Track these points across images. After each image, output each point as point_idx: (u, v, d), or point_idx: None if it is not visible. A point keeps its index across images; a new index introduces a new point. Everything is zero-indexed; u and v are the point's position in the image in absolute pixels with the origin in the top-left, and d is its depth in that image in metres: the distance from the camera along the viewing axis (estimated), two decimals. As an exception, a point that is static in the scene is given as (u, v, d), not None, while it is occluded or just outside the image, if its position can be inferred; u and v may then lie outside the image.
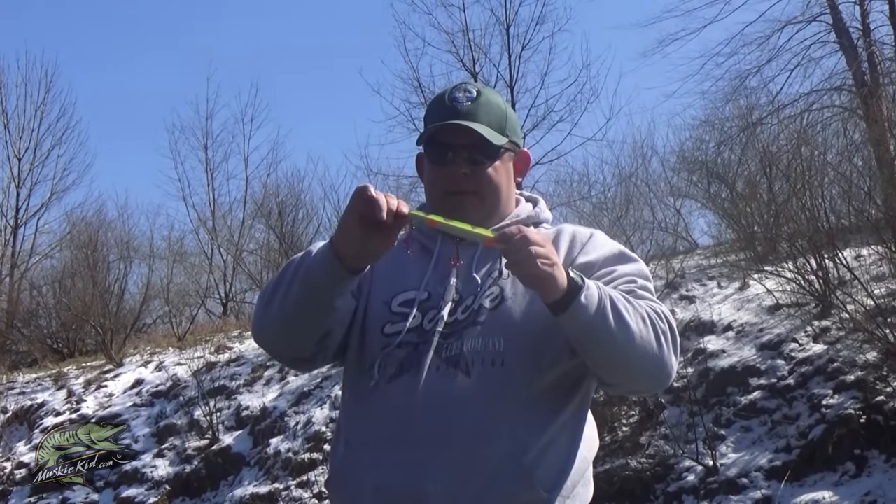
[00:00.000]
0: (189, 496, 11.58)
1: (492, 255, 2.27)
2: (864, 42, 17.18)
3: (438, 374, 2.16)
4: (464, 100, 2.28)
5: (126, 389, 14.12)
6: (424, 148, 2.34)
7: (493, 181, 2.29)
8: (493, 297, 2.24)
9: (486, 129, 2.25)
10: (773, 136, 14.46)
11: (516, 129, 2.38)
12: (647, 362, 2.11)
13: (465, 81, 2.40)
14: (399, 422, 2.15)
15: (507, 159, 2.35)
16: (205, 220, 22.02)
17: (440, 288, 2.27)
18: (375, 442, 2.17)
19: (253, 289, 19.34)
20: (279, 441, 11.50)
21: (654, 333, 2.11)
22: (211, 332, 17.00)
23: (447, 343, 2.19)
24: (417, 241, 2.38)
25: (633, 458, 9.20)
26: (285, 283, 2.20)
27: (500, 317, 2.21)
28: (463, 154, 2.26)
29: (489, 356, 2.16)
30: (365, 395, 2.23)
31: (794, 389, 9.06)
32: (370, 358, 2.24)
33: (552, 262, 1.99)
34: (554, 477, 2.15)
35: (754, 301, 10.82)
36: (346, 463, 2.24)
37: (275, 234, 16.27)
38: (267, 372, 13.12)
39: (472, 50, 15.42)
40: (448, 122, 2.25)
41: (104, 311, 17.38)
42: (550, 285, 2.00)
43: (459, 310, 2.23)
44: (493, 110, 2.30)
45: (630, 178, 15.26)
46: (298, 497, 10.53)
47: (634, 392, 2.43)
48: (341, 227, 2.09)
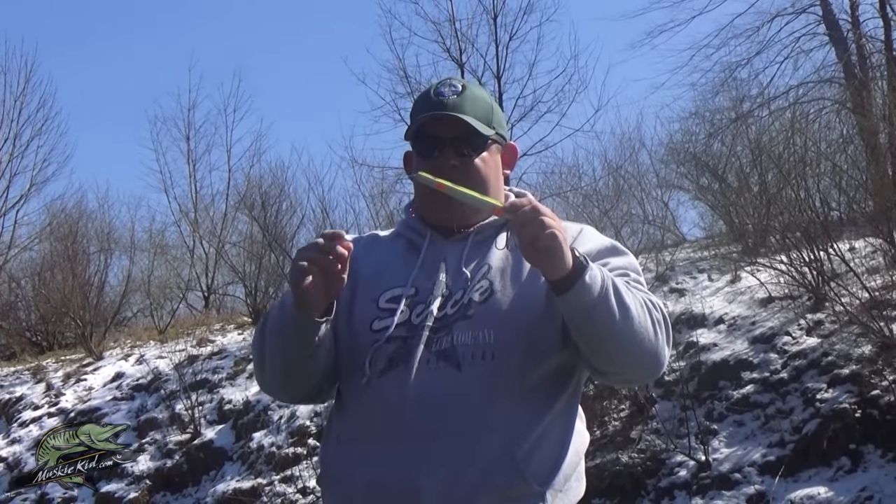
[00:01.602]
0: (170, 491, 11.38)
1: (481, 250, 2.30)
2: (854, 34, 17.14)
3: (429, 368, 2.15)
4: (449, 94, 2.30)
5: (106, 383, 13.94)
6: (412, 143, 2.35)
7: (481, 172, 2.29)
8: (482, 290, 2.23)
9: (473, 121, 2.27)
10: (764, 128, 14.38)
11: (502, 123, 2.40)
12: (643, 349, 2.10)
13: (450, 77, 2.42)
14: (390, 417, 2.14)
15: (495, 151, 2.36)
16: (186, 211, 21.85)
17: (428, 283, 2.27)
18: (367, 437, 2.17)
19: (235, 282, 19.16)
20: (262, 435, 11.34)
21: (650, 320, 2.11)
22: (193, 325, 16.81)
23: (437, 337, 2.19)
24: (405, 238, 2.38)
25: (623, 452, 9.06)
26: (268, 345, 2.25)
27: (490, 310, 2.20)
28: (451, 147, 2.28)
29: (480, 349, 2.16)
30: (356, 391, 2.23)
31: (787, 383, 8.95)
32: (361, 355, 2.23)
33: (561, 233, 1.97)
34: (547, 470, 2.14)
35: (746, 294, 10.70)
36: (337, 459, 2.24)
37: (258, 226, 16.03)
38: (250, 365, 12.92)
39: (459, 40, 15.20)
40: (435, 113, 2.27)
41: (84, 303, 17.14)
42: (557, 259, 1.97)
43: (449, 304, 2.23)
44: (478, 103, 2.32)
45: (618, 171, 15.16)
46: (282, 492, 10.36)
47: (626, 381, 2.47)
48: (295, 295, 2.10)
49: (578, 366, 2.23)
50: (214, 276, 20.63)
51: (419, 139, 2.32)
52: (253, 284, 16.12)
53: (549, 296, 2.15)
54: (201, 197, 22.41)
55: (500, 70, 14.99)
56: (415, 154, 2.35)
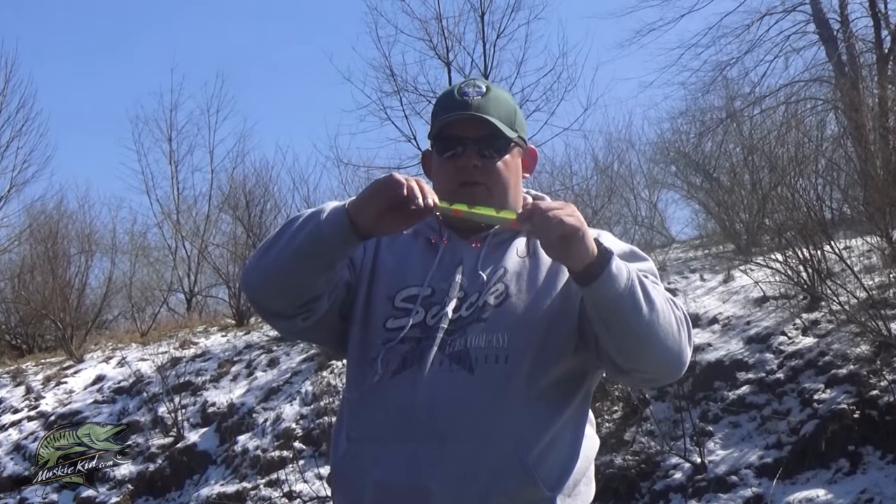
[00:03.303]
0: (153, 496, 11.16)
1: (498, 253, 2.29)
2: (844, 33, 17.08)
3: (441, 370, 2.16)
4: (474, 94, 2.28)
5: (87, 386, 13.72)
6: (433, 143, 2.34)
7: (502, 175, 2.29)
8: (497, 293, 2.23)
9: (498, 122, 2.26)
10: (755, 125, 14.25)
11: (524, 126, 2.40)
12: (668, 346, 2.09)
13: (474, 78, 2.42)
14: (401, 418, 2.15)
15: (516, 154, 2.35)
16: (168, 213, 21.64)
17: (444, 284, 2.27)
18: (377, 438, 2.18)
19: (219, 284, 18.96)
20: (247, 438, 11.13)
21: (674, 318, 2.10)
22: (175, 327, 16.60)
23: (451, 339, 2.19)
24: (423, 236, 2.36)
25: (617, 454, 8.88)
26: (288, 233, 2.18)
27: (505, 313, 2.20)
28: (473, 147, 2.26)
29: (493, 352, 2.16)
30: (368, 389, 2.23)
31: (783, 384, 8.80)
32: (373, 352, 2.24)
33: (578, 218, 1.97)
34: (557, 475, 2.15)
35: (740, 293, 10.56)
36: (347, 457, 2.24)
37: (242, 226, 15.79)
38: (234, 367, 12.78)
39: (446, 37, 15.03)
40: (460, 114, 2.25)
41: (64, 305, 16.86)
42: (581, 246, 1.97)
43: (464, 306, 2.23)
44: (502, 105, 2.30)
45: (606, 171, 15.02)
46: (268, 496, 10.15)
47: (648, 381, 2.35)
48: (365, 203, 2.09)
49: (590, 371, 2.25)
50: (197, 279, 20.45)
51: (441, 139, 2.30)
52: (237, 286, 15.91)
53: (564, 300, 2.18)
54: (183, 198, 22.25)
55: (487, 68, 14.84)
56: (434, 154, 2.34)
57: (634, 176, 15.27)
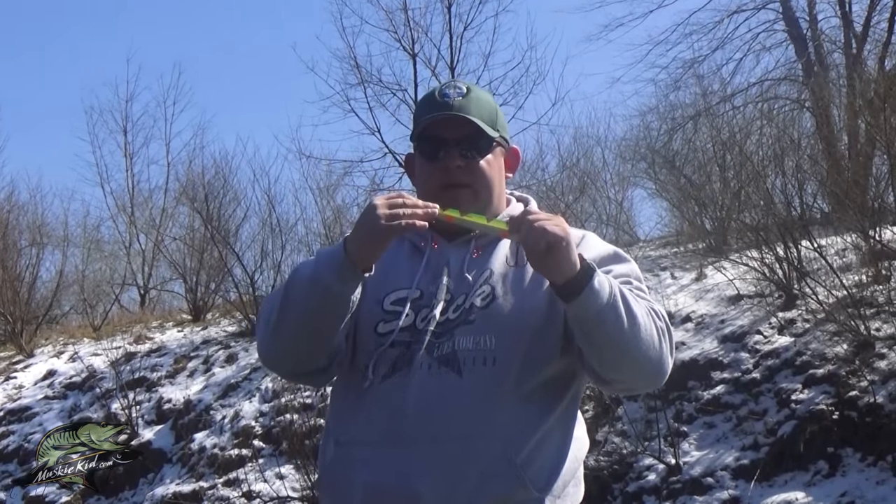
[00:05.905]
0: (105, 495, 10.76)
1: (483, 255, 2.29)
2: (812, 33, 17.06)
3: (430, 374, 2.16)
4: (454, 95, 2.29)
5: (37, 381, 13.35)
6: (416, 145, 2.35)
7: (486, 174, 2.30)
8: (484, 295, 2.23)
9: (480, 122, 2.27)
10: (725, 122, 14.12)
11: (506, 126, 2.41)
12: (649, 357, 2.11)
13: (454, 79, 2.57)
14: (390, 421, 2.15)
15: (499, 154, 2.36)
16: (123, 206, 21.15)
17: (432, 287, 2.27)
18: (366, 441, 2.18)
19: (175, 278, 18.53)
20: (204, 436, 10.78)
21: (656, 329, 2.11)
22: (129, 322, 16.20)
23: (438, 342, 2.20)
24: (409, 240, 2.36)
25: (588, 455, 8.58)
26: (294, 297, 2.17)
27: (492, 315, 2.20)
28: (456, 148, 2.27)
29: (481, 355, 2.17)
30: (358, 394, 2.23)
31: (760, 383, 8.62)
32: (365, 358, 2.23)
33: (564, 229, 1.99)
34: (545, 476, 2.17)
35: (713, 291, 10.38)
36: (335, 462, 2.24)
37: (200, 218, 15.34)
38: (191, 363, 12.44)
39: (412, 29, 14.71)
40: (442, 114, 2.26)
41: (14, 298, 16.51)
42: (564, 256, 1.98)
43: (451, 309, 2.23)
44: (483, 105, 2.31)
45: (572, 169, 14.81)
46: (226, 496, 9.81)
47: (629, 389, 2.37)
48: (369, 250, 2.11)
49: (578, 372, 2.25)
50: (152, 273, 20.02)
51: (424, 141, 2.32)
52: (194, 279, 15.52)
53: (550, 302, 2.17)
54: (139, 191, 21.71)
55: (454, 61, 14.55)
56: (418, 156, 2.35)
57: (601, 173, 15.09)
